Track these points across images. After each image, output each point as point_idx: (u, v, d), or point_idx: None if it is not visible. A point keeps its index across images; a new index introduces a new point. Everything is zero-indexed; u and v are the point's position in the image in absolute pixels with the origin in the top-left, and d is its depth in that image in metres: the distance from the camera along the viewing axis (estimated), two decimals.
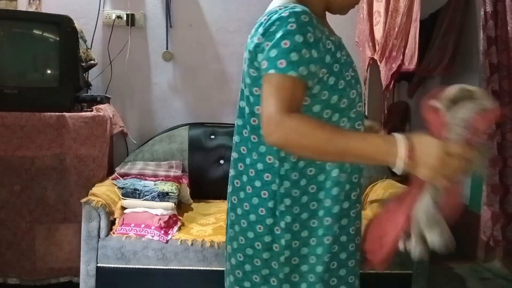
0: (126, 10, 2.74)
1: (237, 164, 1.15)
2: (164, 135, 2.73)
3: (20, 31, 2.32)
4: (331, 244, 1.12)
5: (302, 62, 0.95)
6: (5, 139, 2.16)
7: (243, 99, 1.12)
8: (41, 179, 2.21)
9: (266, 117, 0.94)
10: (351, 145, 0.92)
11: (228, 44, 2.83)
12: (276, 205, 1.08)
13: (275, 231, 1.10)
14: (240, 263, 1.16)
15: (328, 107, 1.06)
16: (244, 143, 1.12)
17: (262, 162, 1.09)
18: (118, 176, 2.31)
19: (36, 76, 2.39)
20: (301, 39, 0.96)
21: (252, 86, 1.07)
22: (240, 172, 1.14)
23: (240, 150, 1.14)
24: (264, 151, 1.09)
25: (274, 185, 1.08)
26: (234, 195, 1.16)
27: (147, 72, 2.83)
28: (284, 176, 1.08)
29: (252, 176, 1.11)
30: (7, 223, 2.21)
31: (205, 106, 2.87)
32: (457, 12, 2.76)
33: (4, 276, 2.23)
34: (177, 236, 2.07)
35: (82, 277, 2.04)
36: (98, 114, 2.29)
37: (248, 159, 1.12)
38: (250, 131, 1.10)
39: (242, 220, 1.14)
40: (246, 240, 1.13)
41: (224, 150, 2.68)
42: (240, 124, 1.14)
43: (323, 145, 0.92)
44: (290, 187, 1.08)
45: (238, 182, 1.15)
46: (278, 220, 1.09)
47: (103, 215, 2.04)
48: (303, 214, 1.10)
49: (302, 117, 0.95)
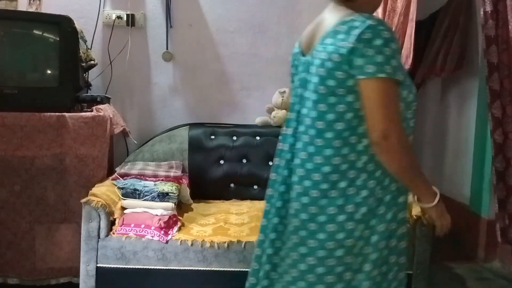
0: (126, 10, 2.74)
1: (297, 169, 1.22)
2: (164, 135, 2.73)
3: (20, 31, 2.32)
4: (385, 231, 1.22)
5: (400, 67, 1.12)
6: (5, 139, 2.16)
7: (303, 105, 1.21)
8: (41, 179, 2.21)
9: (385, 128, 1.09)
10: (419, 179, 1.19)
11: (228, 44, 2.83)
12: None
13: (347, 227, 1.17)
14: (312, 267, 1.20)
15: (405, 107, 1.18)
16: (306, 148, 1.19)
17: (329, 165, 1.16)
18: (118, 176, 2.30)
19: (36, 76, 2.39)
20: (395, 46, 1.11)
21: (336, 88, 1.13)
22: (301, 178, 1.20)
23: (300, 155, 1.21)
24: (330, 154, 1.16)
25: (343, 183, 1.17)
26: (296, 201, 1.21)
27: (147, 72, 2.83)
28: (354, 178, 1.17)
29: (319, 180, 1.17)
30: (7, 223, 2.21)
31: (205, 106, 2.87)
32: (459, 13, 2.75)
33: (4, 276, 2.23)
34: (177, 236, 2.07)
35: (82, 277, 2.04)
36: (98, 114, 2.29)
37: (310, 164, 1.18)
38: (315, 136, 1.18)
39: (309, 224, 1.19)
40: (317, 242, 1.19)
41: (224, 150, 2.68)
42: (302, 130, 1.21)
43: (411, 172, 1.17)
44: (361, 184, 1.18)
45: (300, 187, 1.20)
46: (351, 216, 1.17)
47: (103, 215, 2.04)
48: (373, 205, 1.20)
49: (408, 140, 1.15)
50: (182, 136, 2.71)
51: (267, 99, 2.80)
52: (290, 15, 2.82)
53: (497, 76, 2.17)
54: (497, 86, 2.18)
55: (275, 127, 2.76)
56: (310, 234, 1.19)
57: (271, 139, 2.71)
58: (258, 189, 2.68)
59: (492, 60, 2.16)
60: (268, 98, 2.80)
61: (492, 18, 2.04)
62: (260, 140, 2.72)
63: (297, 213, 1.21)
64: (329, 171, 1.16)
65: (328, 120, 1.15)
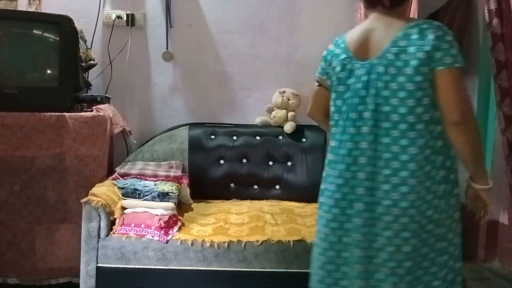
0: (126, 10, 2.73)
1: (391, 163, 1.34)
2: (164, 135, 2.73)
3: (20, 31, 2.32)
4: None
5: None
6: (5, 139, 2.16)
7: (380, 104, 1.34)
8: (41, 179, 2.21)
9: (464, 109, 1.28)
10: (482, 161, 1.39)
11: (228, 44, 2.83)
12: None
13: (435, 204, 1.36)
14: (416, 247, 1.36)
15: None
16: (397, 141, 1.33)
17: (421, 154, 1.33)
18: (118, 176, 2.31)
19: (36, 76, 2.39)
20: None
21: (422, 82, 1.30)
22: (396, 170, 1.34)
23: (391, 150, 1.34)
24: (422, 143, 1.32)
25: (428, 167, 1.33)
26: (393, 192, 1.34)
27: (147, 72, 2.83)
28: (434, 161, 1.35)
29: (415, 169, 1.32)
30: (7, 223, 2.21)
31: (205, 106, 2.87)
32: (458, 12, 2.75)
33: (4, 276, 2.23)
34: (177, 236, 2.07)
35: (82, 277, 2.04)
36: (98, 114, 2.29)
37: (404, 155, 1.32)
38: (407, 129, 1.32)
39: (408, 211, 1.33)
40: (416, 225, 1.34)
41: (224, 150, 2.68)
42: (388, 126, 1.34)
43: (479, 152, 1.35)
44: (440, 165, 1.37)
45: (396, 179, 1.33)
46: (436, 194, 1.36)
47: (103, 215, 2.04)
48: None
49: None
50: (182, 136, 2.71)
51: (267, 99, 2.80)
52: (290, 15, 2.82)
53: (506, 74, 2.16)
54: (506, 84, 2.16)
55: (275, 127, 2.76)
56: (412, 219, 1.34)
57: (271, 139, 2.72)
58: (258, 189, 2.69)
59: (500, 58, 2.14)
60: (268, 98, 2.80)
61: (497, 16, 2.04)
62: (260, 140, 2.72)
63: (396, 203, 1.33)
64: (421, 159, 1.32)
65: (417, 113, 1.31)
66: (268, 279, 2.03)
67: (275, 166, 2.69)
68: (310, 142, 2.71)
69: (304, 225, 2.24)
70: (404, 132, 1.32)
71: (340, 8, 2.80)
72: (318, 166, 2.64)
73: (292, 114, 2.74)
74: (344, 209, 1.40)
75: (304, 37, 2.83)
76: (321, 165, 2.66)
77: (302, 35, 2.83)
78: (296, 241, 2.05)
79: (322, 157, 2.66)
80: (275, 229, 2.16)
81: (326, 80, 1.51)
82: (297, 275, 2.02)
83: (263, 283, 2.03)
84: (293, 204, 2.57)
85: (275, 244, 2.04)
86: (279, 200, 2.63)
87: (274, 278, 2.03)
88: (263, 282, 2.03)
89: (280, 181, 2.68)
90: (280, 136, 2.73)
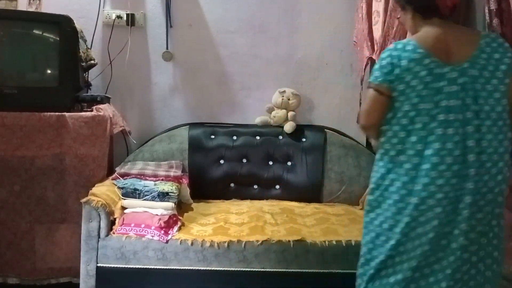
0: (126, 10, 2.73)
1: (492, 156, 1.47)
2: (164, 135, 2.73)
3: (20, 31, 2.32)
4: None
5: None
6: (5, 139, 2.16)
7: (487, 104, 1.46)
8: (41, 179, 2.21)
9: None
10: None
11: (228, 44, 2.83)
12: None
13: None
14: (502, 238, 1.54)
15: None
16: (496, 136, 1.46)
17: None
18: (118, 176, 2.31)
19: (36, 76, 2.39)
20: None
21: (508, 84, 1.48)
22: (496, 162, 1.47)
23: (492, 144, 1.46)
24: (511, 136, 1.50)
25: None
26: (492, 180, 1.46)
27: (147, 72, 2.83)
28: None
29: (506, 160, 1.48)
30: (7, 223, 2.21)
31: (205, 106, 2.87)
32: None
33: (4, 276, 2.23)
34: (177, 236, 2.07)
35: (82, 277, 2.04)
36: (98, 114, 2.29)
37: (501, 148, 1.47)
38: (502, 125, 1.48)
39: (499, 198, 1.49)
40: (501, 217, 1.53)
41: (224, 150, 2.68)
42: (490, 124, 1.47)
43: None
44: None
45: (495, 169, 1.46)
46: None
47: (103, 215, 2.04)
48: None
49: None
50: (182, 136, 2.71)
51: (267, 99, 2.80)
52: (290, 15, 2.82)
53: None
54: None
55: (275, 126, 2.76)
56: (500, 205, 1.50)
57: (271, 138, 2.72)
58: (258, 188, 2.69)
59: None
60: (268, 98, 2.80)
61: (497, 16, 2.04)
62: (260, 140, 2.72)
63: (491, 190, 1.46)
64: (509, 150, 1.49)
65: (507, 111, 1.49)
66: (268, 279, 2.03)
67: (275, 166, 2.69)
68: (310, 142, 2.71)
69: (304, 225, 2.24)
70: (501, 128, 1.47)
71: (340, 8, 2.80)
72: (318, 166, 2.64)
73: (292, 114, 2.74)
74: (457, 204, 1.46)
75: (304, 37, 2.83)
76: (321, 165, 2.70)
77: (302, 35, 2.83)
78: (296, 241, 2.05)
79: (322, 157, 2.67)
80: (275, 229, 2.16)
81: (389, 87, 1.49)
82: (297, 275, 2.02)
83: (263, 283, 2.03)
84: (293, 204, 2.57)
85: (275, 244, 2.04)
86: (279, 200, 2.63)
87: (274, 278, 2.03)
88: (263, 282, 2.03)
89: (280, 181, 2.68)
90: (280, 136, 2.73)
